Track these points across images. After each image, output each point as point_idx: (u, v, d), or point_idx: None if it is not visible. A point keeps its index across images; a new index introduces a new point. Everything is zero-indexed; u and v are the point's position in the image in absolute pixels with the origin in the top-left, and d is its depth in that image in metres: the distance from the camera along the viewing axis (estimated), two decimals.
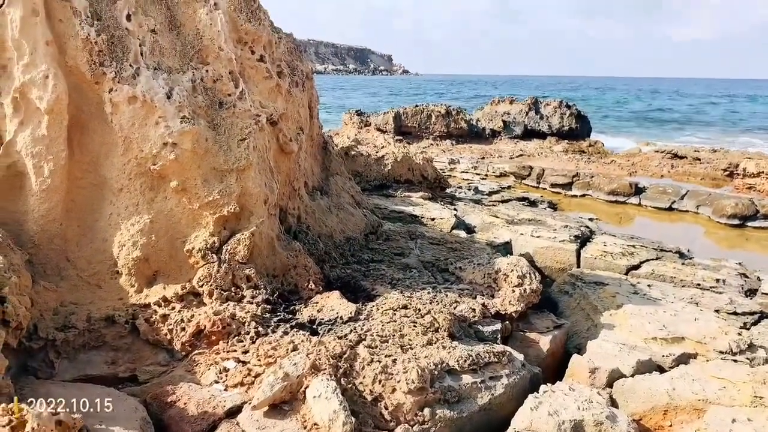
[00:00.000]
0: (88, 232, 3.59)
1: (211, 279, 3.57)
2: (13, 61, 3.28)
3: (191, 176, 3.63)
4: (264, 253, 3.91)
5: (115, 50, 3.47)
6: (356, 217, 5.39)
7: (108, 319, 3.31)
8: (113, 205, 3.60)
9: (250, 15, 4.07)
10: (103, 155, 3.57)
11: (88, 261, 3.54)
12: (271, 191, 4.02)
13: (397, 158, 9.06)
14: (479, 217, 8.10)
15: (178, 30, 3.84)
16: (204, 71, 3.85)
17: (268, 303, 3.62)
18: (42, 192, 3.39)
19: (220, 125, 3.83)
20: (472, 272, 4.56)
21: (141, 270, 3.54)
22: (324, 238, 4.77)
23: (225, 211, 3.69)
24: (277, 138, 4.34)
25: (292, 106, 4.57)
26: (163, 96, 3.53)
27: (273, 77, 4.23)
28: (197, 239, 3.65)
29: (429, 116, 19.72)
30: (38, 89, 3.28)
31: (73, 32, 3.34)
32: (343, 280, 4.35)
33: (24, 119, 3.32)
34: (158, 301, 3.46)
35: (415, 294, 4.03)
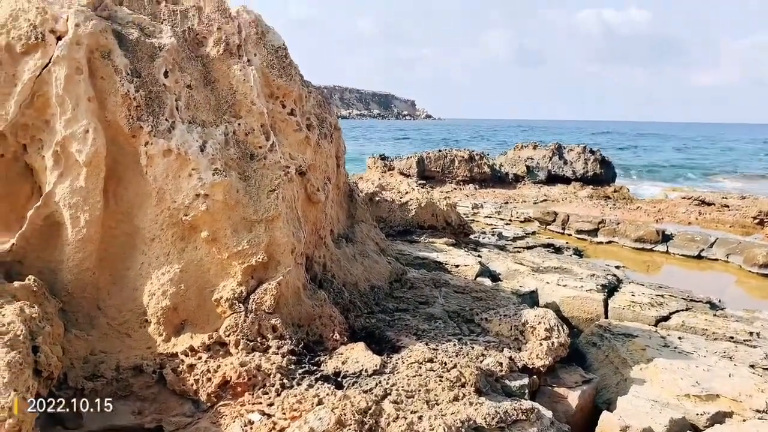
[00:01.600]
0: (119, 281, 3.66)
1: (238, 329, 3.60)
2: (56, 117, 3.42)
3: (221, 227, 3.70)
4: (290, 303, 3.93)
5: (152, 105, 3.61)
6: (381, 264, 5.41)
7: (136, 369, 3.34)
8: (145, 254, 3.67)
9: (282, 71, 4.20)
10: (137, 206, 3.66)
11: (118, 309, 3.60)
12: (298, 241, 4.06)
13: (421, 204, 9.11)
14: (504, 264, 8.05)
15: (213, 85, 3.98)
16: (236, 125, 3.96)
17: (293, 354, 3.62)
18: (77, 242, 3.48)
19: (251, 177, 3.92)
20: (498, 324, 4.52)
21: (169, 319, 3.58)
22: (349, 287, 4.79)
23: (253, 261, 3.74)
24: (305, 188, 4.42)
25: (321, 156, 4.67)
26: (196, 149, 3.64)
27: (302, 130, 4.34)
28: (225, 289, 3.70)
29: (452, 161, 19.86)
30: (78, 143, 3.41)
31: (113, 89, 3.49)
32: (367, 330, 4.34)
33: (63, 171, 3.44)
34: (185, 350, 3.49)
35: (441, 346, 3.99)
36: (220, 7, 4.02)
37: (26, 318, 2.86)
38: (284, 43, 4.33)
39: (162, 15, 3.94)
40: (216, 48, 3.97)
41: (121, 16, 3.72)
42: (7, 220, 3.46)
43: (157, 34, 3.76)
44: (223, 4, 4.04)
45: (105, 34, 3.48)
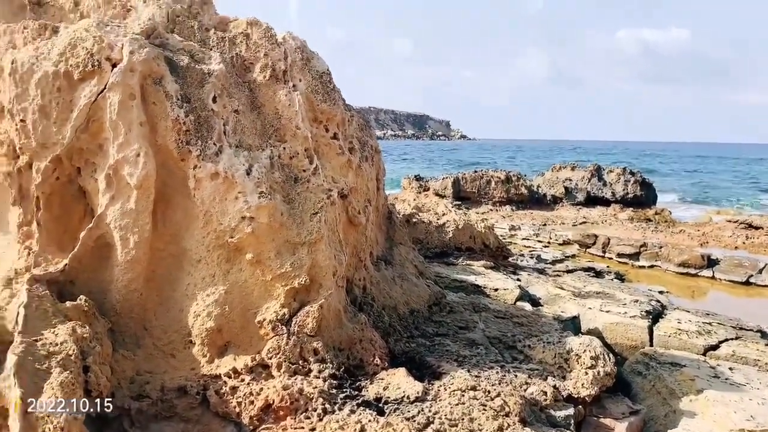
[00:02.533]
0: (165, 301, 3.72)
1: (280, 351, 3.60)
2: (109, 141, 3.53)
3: (266, 249, 3.74)
4: (331, 326, 3.93)
5: (201, 130, 3.69)
6: (420, 288, 5.37)
7: (180, 390, 3.38)
8: (191, 275, 3.73)
9: (326, 95, 4.26)
10: (185, 228, 3.74)
11: (164, 330, 3.66)
12: (339, 263, 4.07)
13: (459, 226, 9.04)
14: (544, 288, 7.91)
15: (259, 110, 4.05)
16: (281, 149, 4.02)
17: (334, 378, 3.60)
18: (126, 263, 3.56)
19: (295, 200, 3.96)
20: (542, 351, 4.42)
21: (213, 340, 3.62)
22: (389, 310, 4.76)
23: (296, 283, 3.76)
24: (346, 211, 4.44)
25: (362, 179, 4.69)
26: (243, 172, 3.70)
27: (345, 153, 4.38)
28: (268, 311, 3.72)
29: (488, 182, 19.74)
30: (130, 166, 3.51)
31: (164, 114, 3.59)
32: (408, 355, 4.30)
33: (115, 194, 3.54)
34: (228, 372, 3.51)
35: (483, 374, 3.93)
36: (267, 34, 4.11)
37: (78, 338, 2.93)
38: (328, 68, 4.40)
39: (211, 42, 4.05)
40: (262, 74, 4.05)
41: (173, 44, 3.84)
42: (60, 241, 3.57)
43: (206, 60, 3.86)
44: (269, 31, 4.14)
45: (157, 61, 3.59)
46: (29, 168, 3.49)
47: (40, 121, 3.41)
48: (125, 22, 3.84)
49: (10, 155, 3.55)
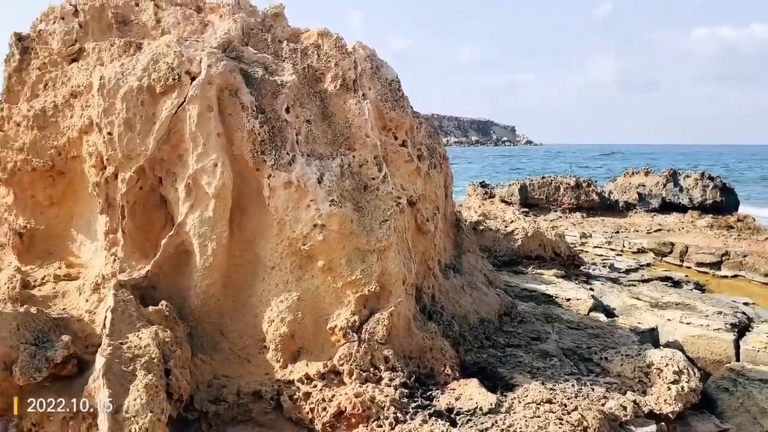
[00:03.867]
0: (241, 307, 3.81)
1: (351, 358, 3.61)
2: (188, 152, 3.66)
3: (336, 256, 3.77)
4: (401, 334, 3.91)
5: (275, 140, 3.77)
6: (490, 297, 5.27)
7: (255, 394, 3.44)
8: (265, 282, 3.81)
9: (395, 103, 4.27)
10: (259, 235, 3.82)
11: (239, 335, 3.75)
12: (408, 271, 4.05)
13: (528, 233, 8.84)
14: (619, 299, 7.60)
15: (330, 119, 4.11)
16: (351, 157, 4.05)
17: (405, 387, 3.57)
18: (204, 269, 3.68)
19: (364, 207, 3.98)
20: (620, 364, 4.24)
21: (287, 346, 3.67)
22: (458, 319, 4.70)
23: (366, 291, 3.77)
24: (415, 218, 4.42)
25: (430, 186, 4.67)
26: (315, 181, 3.75)
27: (413, 161, 4.37)
28: (339, 317, 3.74)
29: (557, 188, 19.22)
30: (208, 176, 3.62)
31: (240, 125, 3.69)
32: (479, 366, 4.22)
33: (194, 203, 3.66)
34: (301, 378, 3.55)
35: (558, 386, 3.80)
36: (337, 44, 4.17)
37: (160, 342, 3.04)
38: (397, 76, 4.40)
39: (284, 53, 4.14)
40: (333, 83, 4.10)
41: (248, 56, 3.95)
42: (143, 248, 3.73)
43: (279, 72, 3.95)
44: (340, 41, 4.19)
45: (233, 73, 3.70)
46: (115, 178, 3.67)
47: (125, 133, 3.58)
48: (203, 37, 3.99)
49: (98, 166, 3.75)
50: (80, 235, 4.06)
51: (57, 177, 4.01)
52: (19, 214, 4.05)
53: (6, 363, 2.67)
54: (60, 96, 3.95)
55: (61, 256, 4.02)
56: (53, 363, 2.75)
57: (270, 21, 4.28)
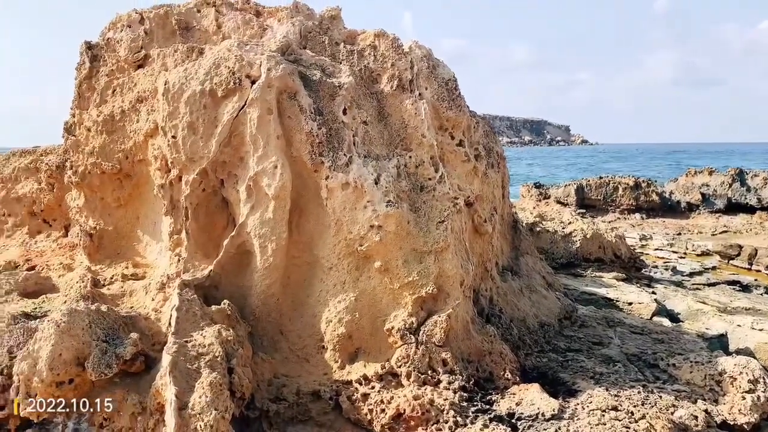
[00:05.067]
0: (299, 307, 3.85)
1: (409, 360, 3.59)
2: (249, 154, 3.72)
3: (393, 257, 3.75)
4: (459, 337, 3.85)
5: (332, 141, 3.79)
6: (549, 300, 5.15)
7: (314, 394, 3.46)
8: (323, 282, 3.83)
9: (452, 103, 4.22)
10: (317, 236, 3.85)
11: (298, 335, 3.78)
12: (466, 273, 4.00)
13: (587, 235, 8.61)
14: (684, 303, 7.30)
15: (386, 120, 4.10)
16: (407, 157, 4.03)
17: (464, 390, 3.52)
18: (265, 269, 3.73)
19: (421, 208, 3.95)
20: (689, 371, 4.05)
21: (345, 346, 3.68)
22: (517, 323, 4.60)
23: (423, 292, 3.73)
24: (472, 219, 4.35)
25: (487, 187, 4.59)
26: (371, 182, 3.74)
27: (471, 160, 4.30)
28: (396, 319, 3.72)
29: (615, 188, 18.64)
30: (268, 177, 3.67)
31: (298, 127, 3.72)
32: (539, 371, 4.12)
33: (255, 204, 3.72)
34: (359, 378, 3.54)
35: (624, 393, 3.66)
36: (393, 45, 4.16)
37: (223, 340, 3.09)
38: (454, 75, 4.36)
39: (341, 55, 4.16)
40: (390, 84, 4.09)
41: (306, 59, 3.99)
42: (206, 249, 3.81)
43: (336, 74, 3.97)
44: (396, 42, 4.18)
45: (292, 76, 3.74)
46: (179, 181, 3.77)
47: (188, 136, 3.67)
48: (262, 40, 4.05)
49: (163, 169, 3.86)
50: (146, 235, 4.20)
51: (124, 180, 4.15)
52: (89, 216, 4.22)
53: (79, 359, 2.77)
54: (127, 101, 4.09)
55: (128, 256, 4.17)
56: (123, 360, 2.84)
57: (327, 23, 4.31)
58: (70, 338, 2.75)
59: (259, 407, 3.28)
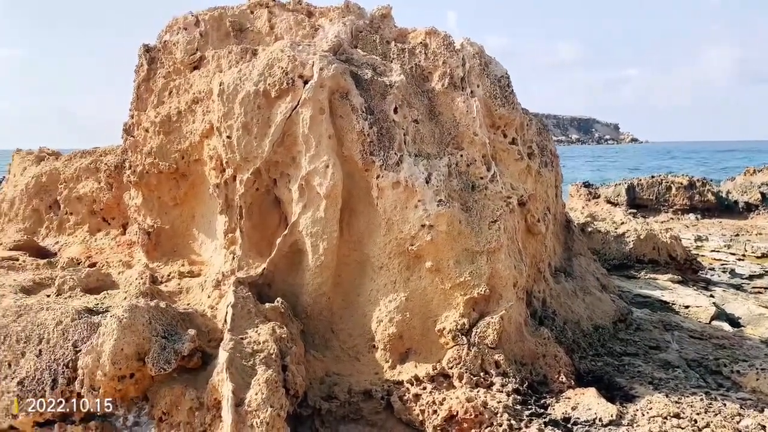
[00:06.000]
0: (350, 306, 3.85)
1: (461, 362, 3.54)
2: (301, 153, 3.74)
3: (445, 257, 3.71)
4: (512, 339, 3.79)
5: (384, 140, 3.78)
6: (604, 302, 5.01)
7: (366, 393, 3.45)
8: (373, 281, 3.82)
9: (504, 100, 4.15)
10: (368, 235, 3.84)
11: (349, 334, 3.79)
12: (520, 274, 3.92)
13: (640, 236, 8.34)
14: (744, 307, 6.98)
15: (437, 118, 4.06)
16: (459, 156, 3.99)
17: (518, 393, 3.45)
18: (316, 268, 3.75)
19: (472, 207, 3.90)
20: (755, 378, 3.87)
21: (395, 346, 3.67)
22: (571, 325, 4.49)
23: (475, 293, 3.68)
24: (525, 219, 4.27)
25: (541, 186, 4.50)
26: (422, 181, 3.72)
27: (524, 159, 4.23)
28: (448, 319, 3.68)
29: (668, 188, 18.04)
30: (320, 177, 3.69)
31: (350, 126, 3.73)
32: (594, 374, 4.01)
33: (306, 203, 3.74)
34: (410, 379, 3.52)
35: (685, 399, 3.52)
36: (445, 42, 4.12)
37: (277, 338, 3.12)
38: (506, 72, 4.29)
39: (392, 54, 4.15)
40: (441, 82, 4.06)
41: (357, 58, 3.99)
42: (259, 247, 3.86)
43: (387, 72, 3.95)
44: (447, 39, 4.14)
45: (344, 76, 3.75)
46: (234, 180, 3.83)
47: (243, 136, 3.72)
48: (314, 41, 4.07)
49: (218, 169, 3.92)
50: (201, 234, 4.29)
51: (180, 179, 4.25)
52: (147, 214, 4.34)
53: (140, 354, 2.84)
54: (183, 102, 4.19)
55: (184, 253, 4.26)
56: (181, 355, 2.90)
57: (378, 22, 4.30)
58: (131, 333, 2.82)
59: (311, 405, 3.30)
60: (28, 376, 2.88)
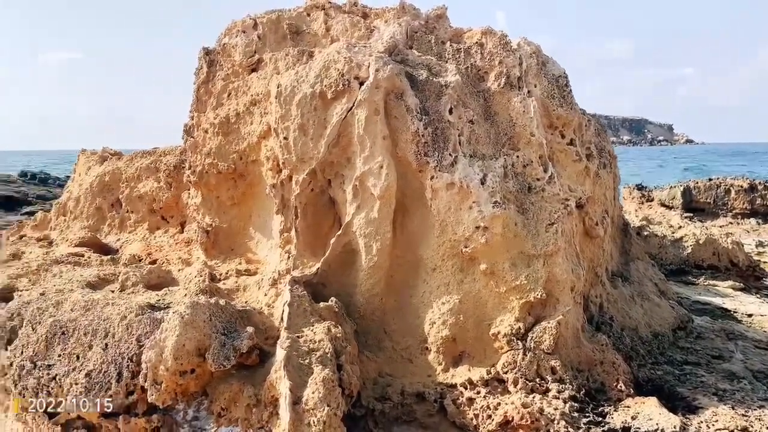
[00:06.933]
0: (403, 307, 3.84)
1: (516, 367, 3.49)
2: (356, 154, 3.76)
3: (500, 260, 3.66)
4: (569, 345, 3.70)
5: (438, 141, 3.76)
6: (663, 308, 4.84)
7: (419, 396, 3.44)
8: (426, 283, 3.81)
9: (562, 100, 4.07)
10: (421, 236, 3.83)
11: (401, 335, 3.78)
12: (577, 278, 3.83)
13: (699, 240, 8.04)
14: None
15: (493, 119, 4.01)
16: (515, 157, 3.93)
17: (575, 400, 3.37)
18: (369, 268, 3.76)
19: (529, 209, 3.83)
20: None
21: (448, 349, 3.64)
22: (628, 332, 4.36)
23: (531, 297, 3.62)
24: (583, 222, 4.18)
25: (599, 188, 4.39)
26: (477, 182, 3.68)
27: (582, 160, 4.13)
28: (502, 324, 3.63)
29: (727, 191, 17.32)
30: (374, 178, 3.70)
31: (404, 127, 3.72)
32: (654, 383, 3.88)
33: (360, 204, 3.75)
34: (464, 382, 3.49)
35: (753, 413, 3.37)
36: (501, 42, 4.07)
37: (332, 337, 3.15)
38: (564, 71, 4.20)
39: (447, 54, 4.12)
40: (497, 82, 4.01)
41: (412, 59, 3.98)
42: (313, 247, 3.90)
43: (442, 73, 3.93)
44: (504, 39, 4.08)
45: (399, 76, 3.74)
46: (290, 180, 3.88)
47: (299, 138, 3.76)
48: (369, 42, 4.09)
49: (274, 169, 3.98)
50: (257, 233, 4.36)
51: (238, 179, 4.33)
52: (205, 213, 4.44)
53: (200, 350, 2.91)
54: (241, 104, 4.27)
55: (240, 252, 4.35)
56: (240, 352, 2.95)
57: (433, 23, 4.29)
58: (192, 330, 2.89)
59: (365, 405, 3.31)
60: (95, 369, 2.99)
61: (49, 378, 3.06)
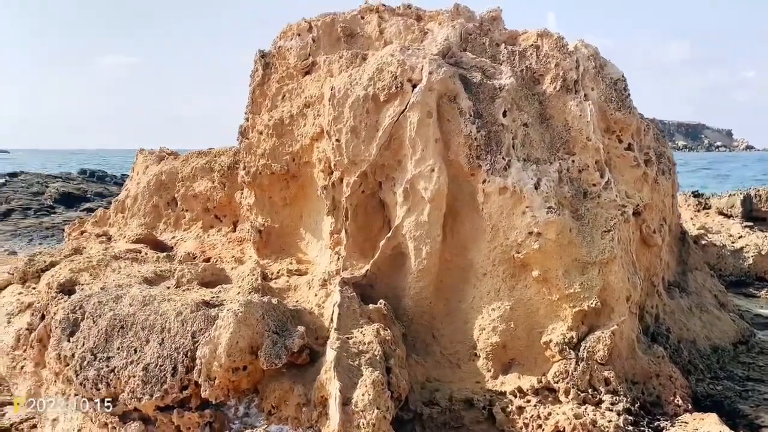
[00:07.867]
0: (452, 312, 3.81)
1: (568, 376, 3.41)
2: (407, 157, 3.75)
3: (553, 266, 3.58)
4: (623, 356, 3.60)
5: (491, 144, 3.71)
6: (723, 321, 4.65)
7: (467, 402, 3.40)
8: (476, 288, 3.76)
9: (620, 104, 3.96)
10: (471, 241, 3.79)
11: (450, 340, 3.75)
12: (633, 287, 3.72)
13: (762, 251, 7.73)
14: None
15: (548, 122, 3.94)
16: (570, 161, 3.84)
17: (629, 413, 3.27)
18: (418, 271, 3.74)
19: (584, 216, 3.74)
20: None
21: (498, 356, 3.59)
22: (686, 344, 4.21)
23: (585, 306, 3.53)
24: (640, 229, 4.06)
25: (657, 195, 4.25)
26: (531, 187, 3.61)
27: (640, 166, 4.01)
28: (554, 332, 3.55)
29: None
30: (425, 181, 3.68)
31: (457, 130, 3.69)
32: (713, 399, 3.73)
33: (411, 207, 3.74)
34: (514, 390, 3.43)
35: None
36: (558, 44, 3.99)
37: (381, 339, 3.14)
38: (623, 75, 4.09)
39: (501, 56, 4.07)
40: (553, 85, 3.93)
41: (466, 61, 3.95)
42: (362, 248, 3.91)
43: (497, 75, 3.88)
44: (561, 41, 4.00)
45: (453, 79, 3.72)
46: (341, 182, 3.90)
47: (351, 140, 3.78)
48: (423, 44, 4.07)
49: (326, 171, 4.02)
50: (308, 233, 4.41)
51: (290, 180, 4.39)
52: (258, 213, 4.52)
53: (252, 348, 2.96)
54: (295, 106, 4.33)
55: (291, 252, 4.41)
56: (291, 351, 2.98)
57: (487, 25, 4.24)
58: (246, 327, 2.94)
59: (413, 409, 3.29)
60: (151, 363, 3.08)
61: (108, 370, 3.17)
